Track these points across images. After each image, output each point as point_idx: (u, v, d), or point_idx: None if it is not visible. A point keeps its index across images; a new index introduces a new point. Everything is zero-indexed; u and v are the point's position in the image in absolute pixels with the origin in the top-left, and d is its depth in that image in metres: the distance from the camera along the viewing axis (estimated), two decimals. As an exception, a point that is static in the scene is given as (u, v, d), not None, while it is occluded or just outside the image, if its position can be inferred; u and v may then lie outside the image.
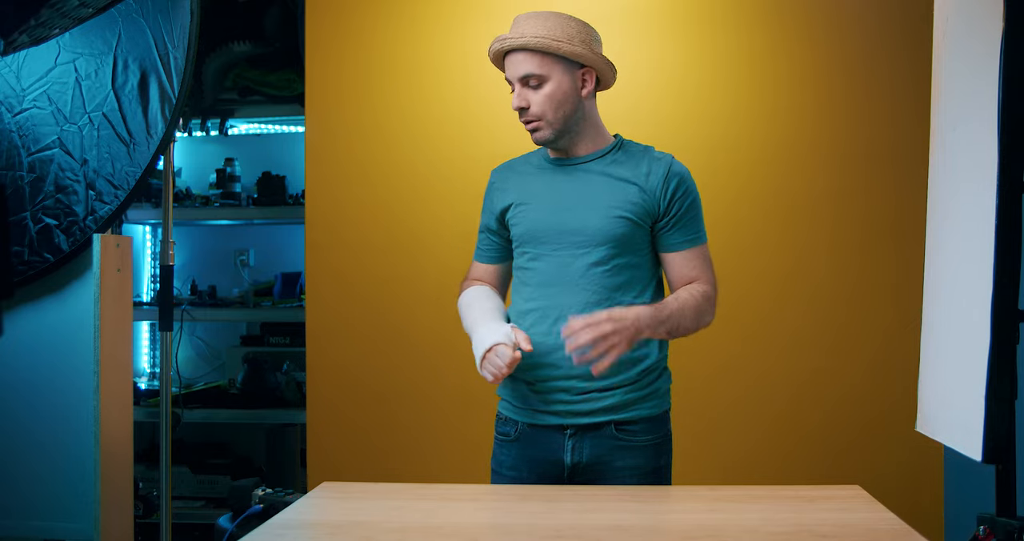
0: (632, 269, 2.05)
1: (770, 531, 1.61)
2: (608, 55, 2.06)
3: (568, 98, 2.02)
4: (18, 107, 3.00)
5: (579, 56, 1.99)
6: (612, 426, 2.04)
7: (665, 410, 2.11)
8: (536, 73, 1.99)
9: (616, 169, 2.07)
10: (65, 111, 2.97)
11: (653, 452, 2.06)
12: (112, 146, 2.94)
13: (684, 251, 2.05)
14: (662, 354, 2.09)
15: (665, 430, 2.10)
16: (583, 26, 2.03)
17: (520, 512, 1.84)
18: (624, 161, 2.08)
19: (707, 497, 1.92)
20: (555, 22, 2.00)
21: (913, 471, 3.07)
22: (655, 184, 2.04)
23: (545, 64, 1.99)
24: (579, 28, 2.01)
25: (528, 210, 2.10)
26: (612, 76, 2.08)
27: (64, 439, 2.87)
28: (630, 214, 2.02)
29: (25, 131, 2.99)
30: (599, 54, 2.03)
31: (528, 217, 2.09)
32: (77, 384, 2.83)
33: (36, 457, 2.90)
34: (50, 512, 2.88)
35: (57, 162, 2.96)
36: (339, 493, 1.99)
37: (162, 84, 2.92)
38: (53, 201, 2.96)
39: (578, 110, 2.04)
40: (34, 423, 2.91)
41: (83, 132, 2.96)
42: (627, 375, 2.03)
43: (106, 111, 2.94)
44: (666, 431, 2.11)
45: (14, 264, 2.92)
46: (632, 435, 2.04)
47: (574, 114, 2.04)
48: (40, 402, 2.91)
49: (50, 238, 2.95)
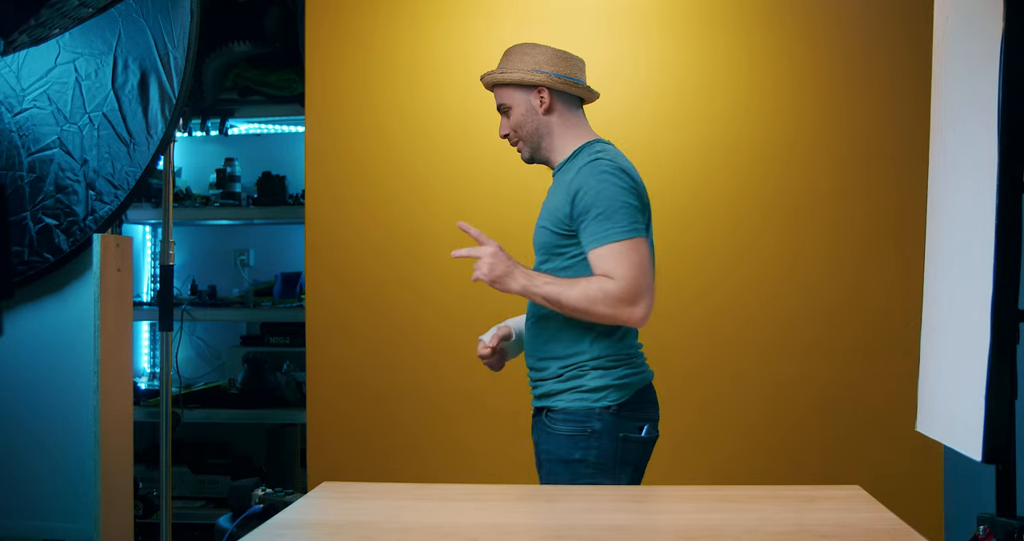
0: (562, 272, 2.17)
1: (770, 531, 1.61)
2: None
3: (528, 118, 2.24)
4: (18, 107, 3.00)
5: (523, 80, 2.20)
6: (545, 412, 2.20)
7: (591, 408, 2.13)
8: (502, 103, 2.26)
9: (561, 178, 2.23)
10: (65, 111, 2.97)
11: (568, 443, 2.13)
12: (112, 146, 2.94)
13: (593, 250, 2.10)
14: (594, 354, 2.15)
15: (590, 427, 2.13)
16: (541, 52, 2.23)
17: (520, 512, 1.84)
18: (568, 170, 2.21)
19: (707, 497, 1.92)
20: (514, 55, 2.25)
21: (913, 471, 3.07)
22: (566, 190, 2.16)
23: (505, 94, 2.25)
24: (534, 54, 2.23)
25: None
26: (580, 90, 2.25)
27: (64, 439, 2.87)
28: (548, 223, 2.20)
29: (25, 131, 2.99)
30: (549, 73, 2.20)
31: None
32: (77, 384, 2.83)
33: (36, 457, 2.90)
34: (50, 512, 2.88)
35: (57, 162, 2.96)
36: (339, 493, 1.99)
37: (162, 84, 2.92)
38: (53, 201, 2.96)
39: (540, 127, 2.24)
40: (34, 423, 2.91)
41: (83, 132, 2.96)
42: (555, 368, 2.18)
43: (106, 111, 2.94)
44: (593, 428, 2.13)
45: (14, 264, 2.92)
46: (553, 423, 2.16)
47: (537, 131, 2.24)
48: (40, 402, 2.90)
49: (50, 238, 2.94)
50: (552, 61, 2.22)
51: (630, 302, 2.06)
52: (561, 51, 2.25)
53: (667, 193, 3.23)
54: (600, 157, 2.16)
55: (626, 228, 2.09)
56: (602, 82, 3.29)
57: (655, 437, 2.22)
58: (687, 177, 3.22)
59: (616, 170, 2.13)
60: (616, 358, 2.17)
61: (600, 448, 2.13)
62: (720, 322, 3.21)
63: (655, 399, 2.25)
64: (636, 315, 2.08)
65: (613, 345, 2.16)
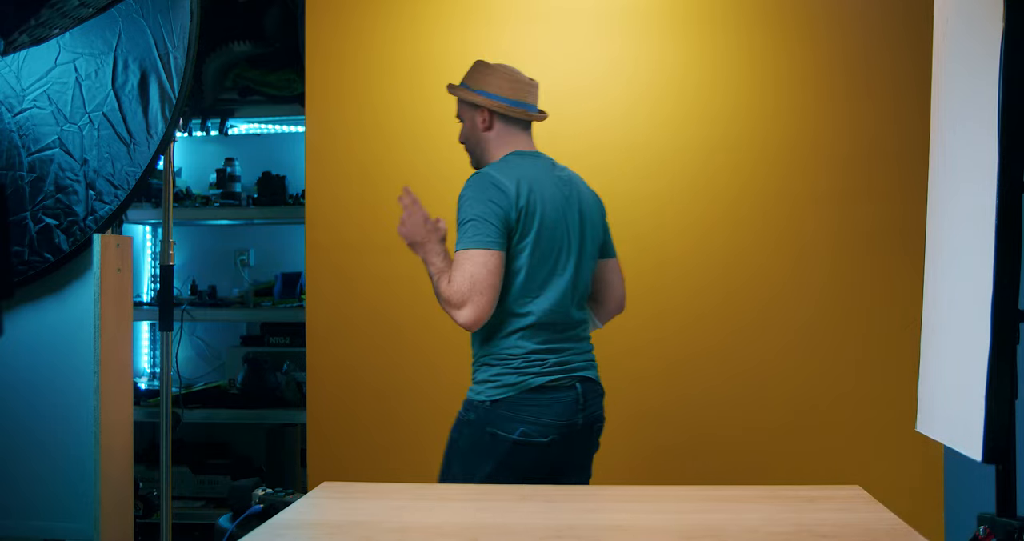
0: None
1: (770, 531, 1.61)
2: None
3: (472, 133, 2.49)
4: (18, 107, 3.00)
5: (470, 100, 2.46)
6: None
7: (471, 399, 2.35)
8: (457, 114, 2.54)
9: None
10: (65, 111, 2.97)
11: (454, 425, 2.37)
12: (112, 146, 2.94)
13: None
14: (484, 352, 2.36)
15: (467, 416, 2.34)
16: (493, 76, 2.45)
17: (520, 512, 1.84)
18: None
19: (707, 497, 1.92)
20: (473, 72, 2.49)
21: (913, 471, 3.07)
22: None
23: (459, 107, 2.53)
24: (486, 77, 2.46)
25: None
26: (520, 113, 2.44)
27: (64, 439, 2.87)
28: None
29: (25, 131, 2.99)
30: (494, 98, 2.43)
31: None
32: (77, 384, 2.83)
33: (36, 457, 2.90)
34: (50, 512, 2.88)
35: (57, 162, 2.96)
36: (339, 493, 1.99)
37: (162, 84, 2.92)
38: (53, 201, 2.96)
39: (480, 142, 2.49)
40: (34, 423, 2.91)
41: (83, 132, 2.96)
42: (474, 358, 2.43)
43: (106, 111, 2.94)
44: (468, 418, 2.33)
45: (14, 264, 2.92)
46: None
47: (478, 145, 2.49)
48: (40, 402, 2.90)
49: (50, 238, 2.94)
50: (500, 86, 2.44)
51: (455, 305, 2.24)
52: (512, 76, 2.46)
53: (667, 193, 3.24)
54: (485, 171, 2.37)
55: (470, 239, 2.26)
56: (602, 82, 3.31)
57: (539, 442, 2.27)
58: (687, 177, 3.22)
59: (486, 184, 2.31)
60: (498, 357, 2.32)
61: (470, 437, 2.32)
62: (720, 322, 3.21)
63: (551, 404, 2.30)
64: (460, 318, 2.25)
65: (496, 344, 2.33)
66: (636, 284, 3.24)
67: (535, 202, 2.31)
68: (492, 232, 2.25)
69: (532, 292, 2.31)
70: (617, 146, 3.24)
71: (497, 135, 2.46)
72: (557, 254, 2.34)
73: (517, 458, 2.27)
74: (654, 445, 3.17)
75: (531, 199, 2.30)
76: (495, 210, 2.26)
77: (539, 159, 2.45)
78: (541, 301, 2.31)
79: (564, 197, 2.40)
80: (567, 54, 3.27)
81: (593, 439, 2.44)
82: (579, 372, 2.37)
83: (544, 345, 2.32)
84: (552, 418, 2.28)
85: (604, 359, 2.49)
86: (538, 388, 2.28)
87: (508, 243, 2.28)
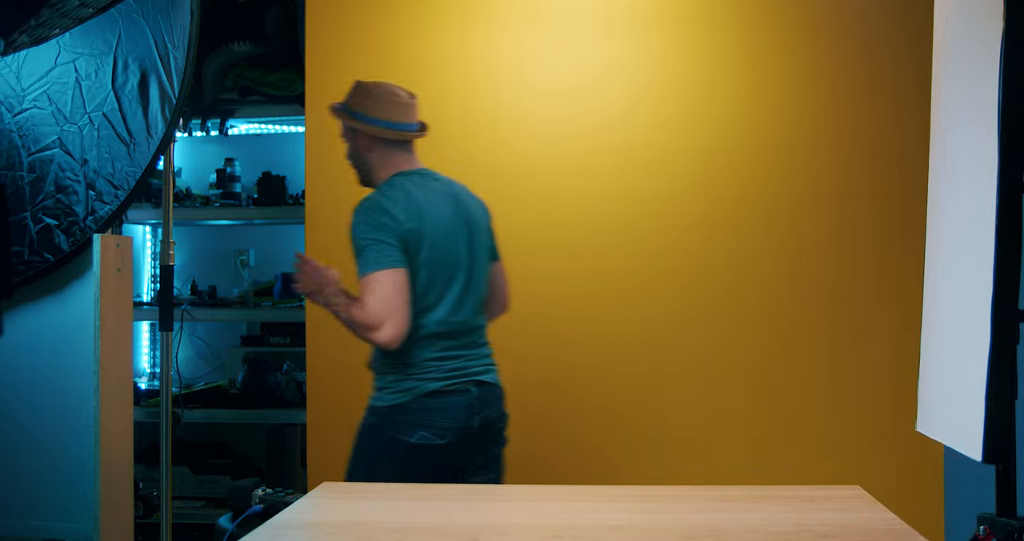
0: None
1: (770, 531, 1.61)
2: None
3: (355, 154, 2.57)
4: (18, 107, 3.00)
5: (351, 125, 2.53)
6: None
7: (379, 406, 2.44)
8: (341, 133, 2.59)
9: None
10: (65, 111, 2.97)
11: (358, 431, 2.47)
12: (112, 146, 2.94)
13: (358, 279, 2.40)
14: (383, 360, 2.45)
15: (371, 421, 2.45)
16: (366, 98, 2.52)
17: (520, 512, 1.84)
18: None
19: (707, 497, 1.92)
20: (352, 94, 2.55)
21: (913, 471, 3.07)
22: None
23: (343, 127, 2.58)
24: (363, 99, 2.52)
25: None
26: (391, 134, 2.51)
27: (64, 439, 2.87)
28: None
29: (25, 131, 2.99)
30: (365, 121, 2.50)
31: None
32: (77, 384, 2.83)
33: (36, 457, 2.90)
34: (50, 512, 2.88)
35: (57, 162, 2.96)
36: (339, 493, 1.99)
37: (162, 84, 2.92)
38: (53, 201, 2.96)
39: (361, 163, 2.57)
40: (34, 423, 2.91)
41: (83, 132, 2.96)
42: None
43: (106, 111, 2.94)
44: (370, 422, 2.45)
45: (14, 264, 2.92)
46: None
47: (360, 165, 2.58)
48: (40, 402, 2.90)
49: (50, 238, 2.95)
50: (376, 109, 2.51)
51: (373, 328, 2.32)
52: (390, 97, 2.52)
53: (668, 194, 3.24)
54: (372, 196, 2.46)
55: (372, 262, 2.36)
56: (602, 82, 3.31)
57: (436, 444, 2.38)
58: (688, 178, 3.22)
59: (372, 208, 2.41)
60: (395, 365, 2.42)
61: (371, 441, 2.44)
62: (720, 322, 3.20)
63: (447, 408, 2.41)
64: (381, 339, 2.33)
65: (395, 354, 2.40)
66: (636, 284, 3.25)
67: (424, 222, 2.43)
68: (391, 251, 2.36)
69: (428, 305, 2.42)
70: (617, 146, 3.24)
71: (380, 156, 2.54)
72: (450, 267, 2.47)
73: (417, 461, 2.38)
74: (653, 445, 3.17)
75: (419, 219, 2.42)
76: (387, 231, 2.38)
77: (424, 176, 2.55)
78: (436, 313, 2.43)
79: (451, 210, 2.52)
80: (567, 54, 3.27)
81: (492, 439, 2.52)
82: (475, 376, 2.46)
83: (440, 353, 2.43)
84: (448, 422, 2.39)
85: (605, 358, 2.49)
86: (433, 393, 2.39)
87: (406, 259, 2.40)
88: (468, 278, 2.50)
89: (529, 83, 3.28)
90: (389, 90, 2.53)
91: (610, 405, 3.19)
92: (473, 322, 2.53)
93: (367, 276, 2.35)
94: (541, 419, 3.15)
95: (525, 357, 3.15)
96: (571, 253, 3.22)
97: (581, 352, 3.19)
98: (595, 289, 3.21)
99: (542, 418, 3.16)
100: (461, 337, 2.48)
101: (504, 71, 3.30)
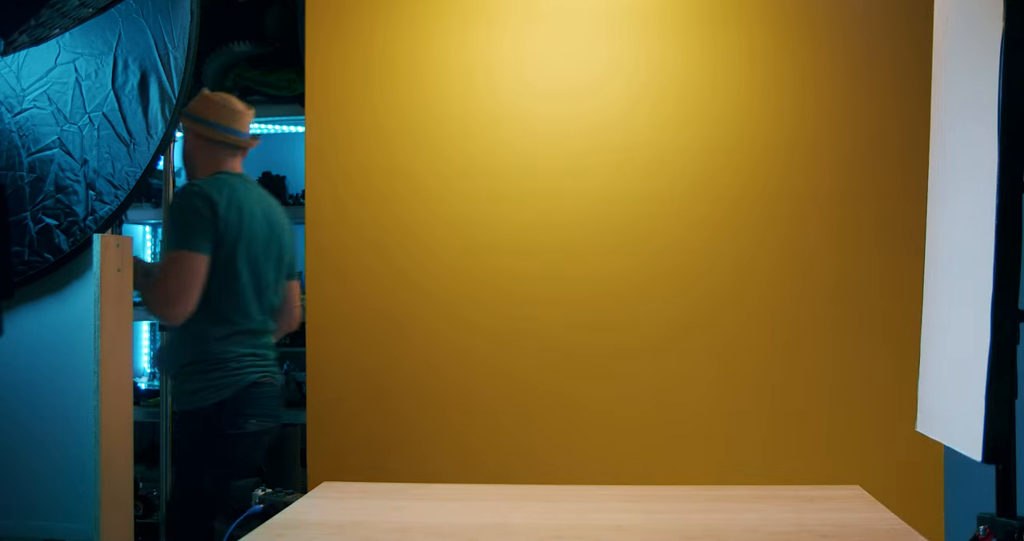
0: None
1: (770, 531, 1.62)
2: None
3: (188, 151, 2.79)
4: (18, 107, 3.00)
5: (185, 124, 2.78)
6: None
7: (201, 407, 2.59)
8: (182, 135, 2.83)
9: None
10: (65, 111, 2.97)
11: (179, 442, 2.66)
12: (112, 146, 2.94)
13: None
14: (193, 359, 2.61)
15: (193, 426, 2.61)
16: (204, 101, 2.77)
17: (520, 512, 1.84)
18: None
19: (707, 497, 1.92)
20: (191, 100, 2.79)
21: (913, 471, 3.07)
22: None
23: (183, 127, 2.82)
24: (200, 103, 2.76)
25: None
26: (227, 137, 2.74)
27: (64, 439, 2.87)
28: None
29: (25, 131, 2.99)
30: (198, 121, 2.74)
31: None
32: (77, 384, 2.83)
33: (36, 457, 2.90)
34: (50, 512, 2.88)
35: (57, 162, 2.96)
36: (339, 493, 1.99)
37: (162, 84, 2.92)
38: (53, 201, 2.96)
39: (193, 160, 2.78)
40: (34, 423, 2.91)
41: (83, 132, 2.96)
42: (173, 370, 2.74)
43: (106, 111, 2.95)
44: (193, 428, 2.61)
45: (14, 264, 2.92)
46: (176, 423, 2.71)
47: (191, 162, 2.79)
48: (40, 402, 2.91)
49: (50, 238, 2.95)
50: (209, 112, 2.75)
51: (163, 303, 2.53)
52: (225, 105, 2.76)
53: (668, 194, 3.24)
54: (194, 182, 2.66)
55: (176, 241, 2.54)
56: (602, 82, 3.31)
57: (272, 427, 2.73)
58: (688, 178, 3.22)
59: (193, 193, 2.59)
60: (212, 363, 2.59)
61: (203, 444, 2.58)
62: (721, 322, 3.20)
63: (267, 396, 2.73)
64: (168, 315, 2.54)
65: (208, 351, 2.58)
66: (636, 285, 3.25)
67: (241, 216, 2.63)
68: (200, 236, 2.53)
69: (239, 301, 2.63)
70: (617, 146, 3.24)
71: (208, 155, 2.75)
72: (261, 269, 2.67)
73: (253, 448, 2.61)
74: (653, 445, 3.17)
75: (237, 212, 2.62)
76: (200, 217, 2.55)
77: (248, 182, 2.79)
78: (253, 311, 2.67)
79: (266, 218, 2.76)
80: (567, 54, 3.27)
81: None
82: (276, 373, 2.81)
83: (250, 349, 2.67)
84: (272, 409, 2.73)
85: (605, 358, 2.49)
86: (253, 384, 2.65)
87: (215, 250, 2.54)
88: (275, 283, 2.77)
89: (529, 83, 3.28)
90: (225, 98, 2.79)
91: (610, 405, 3.19)
92: (271, 326, 2.81)
93: (169, 253, 2.53)
94: (541, 419, 3.16)
95: (525, 357, 3.15)
96: (571, 253, 3.22)
97: (581, 352, 3.20)
98: (595, 289, 3.21)
99: (542, 418, 3.16)
100: (262, 337, 2.76)
101: (504, 71, 3.30)
